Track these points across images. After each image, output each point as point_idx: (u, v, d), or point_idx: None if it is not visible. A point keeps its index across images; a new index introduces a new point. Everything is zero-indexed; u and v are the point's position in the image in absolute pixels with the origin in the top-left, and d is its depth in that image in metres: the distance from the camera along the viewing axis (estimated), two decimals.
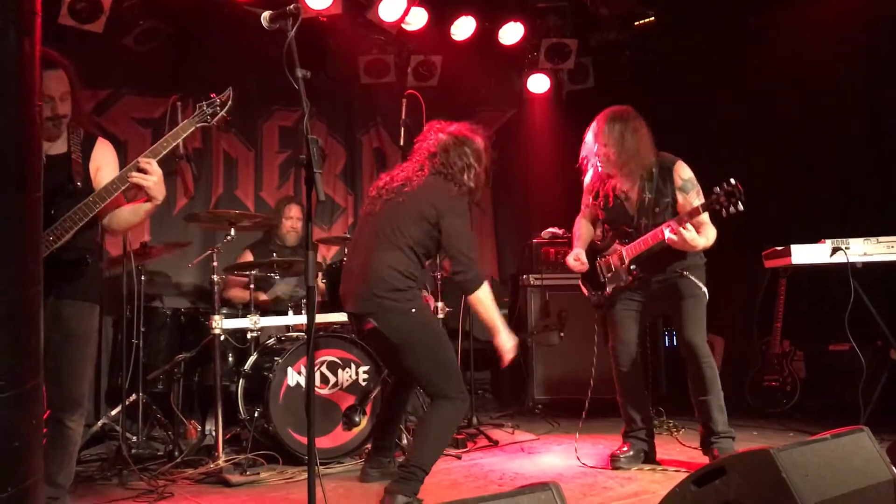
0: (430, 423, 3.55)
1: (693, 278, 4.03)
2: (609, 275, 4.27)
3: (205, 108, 3.26)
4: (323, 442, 4.39)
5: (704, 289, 4.05)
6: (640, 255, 4.09)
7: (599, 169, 4.17)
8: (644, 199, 4.07)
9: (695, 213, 3.82)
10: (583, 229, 4.45)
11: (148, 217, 3.33)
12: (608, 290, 4.27)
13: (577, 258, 4.31)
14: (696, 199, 3.94)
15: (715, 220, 3.94)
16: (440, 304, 4.98)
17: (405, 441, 4.56)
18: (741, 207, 3.65)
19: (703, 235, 3.90)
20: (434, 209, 3.55)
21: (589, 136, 4.18)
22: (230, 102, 3.28)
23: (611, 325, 4.30)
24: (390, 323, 3.51)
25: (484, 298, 3.55)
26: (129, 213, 3.26)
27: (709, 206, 3.75)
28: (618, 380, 4.29)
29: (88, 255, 3.09)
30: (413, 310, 3.51)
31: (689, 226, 3.82)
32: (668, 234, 3.89)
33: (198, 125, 3.23)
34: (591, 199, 4.35)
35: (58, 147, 3.17)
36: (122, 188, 3.08)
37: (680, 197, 3.99)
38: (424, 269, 3.70)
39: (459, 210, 3.62)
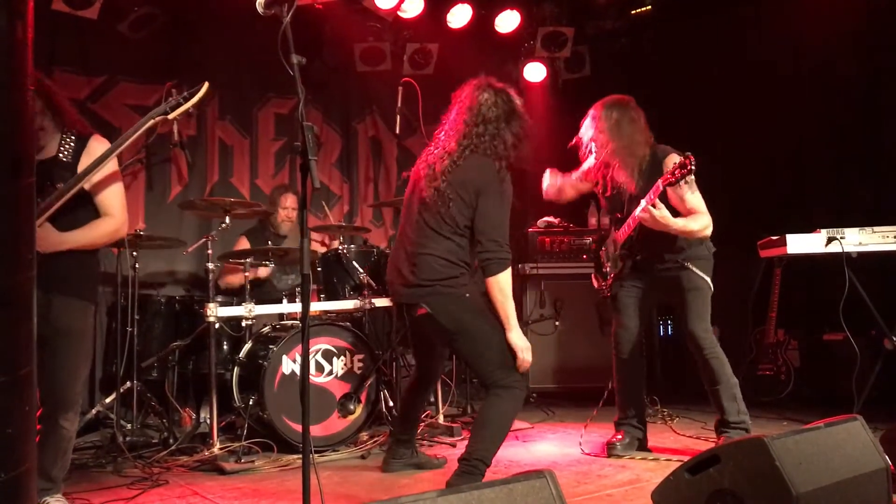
0: (489, 415, 3.38)
1: (696, 270, 4.03)
2: (609, 264, 4.31)
3: (171, 100, 3.22)
4: (318, 430, 4.39)
5: (708, 280, 4.04)
6: (628, 239, 4.12)
7: (593, 154, 4.17)
8: (636, 188, 4.07)
9: (656, 190, 3.81)
10: (555, 179, 4.56)
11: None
12: (609, 278, 4.29)
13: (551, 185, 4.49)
14: (687, 191, 3.85)
15: (711, 208, 3.94)
16: None
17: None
18: (694, 190, 3.75)
19: (687, 219, 3.89)
20: (473, 188, 3.41)
21: (586, 121, 4.20)
22: (199, 97, 3.21)
23: (614, 311, 4.31)
24: (445, 309, 3.40)
25: (503, 284, 3.34)
26: None
27: (665, 180, 3.73)
28: (616, 366, 4.30)
29: (67, 256, 3.09)
30: (467, 294, 3.41)
31: (659, 204, 3.81)
32: (638, 212, 3.92)
33: (157, 118, 3.19)
34: (591, 185, 4.37)
35: (47, 151, 3.19)
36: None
37: (669, 189, 3.85)
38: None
39: (498, 189, 3.43)
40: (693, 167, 3.61)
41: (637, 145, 4.06)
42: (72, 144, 3.23)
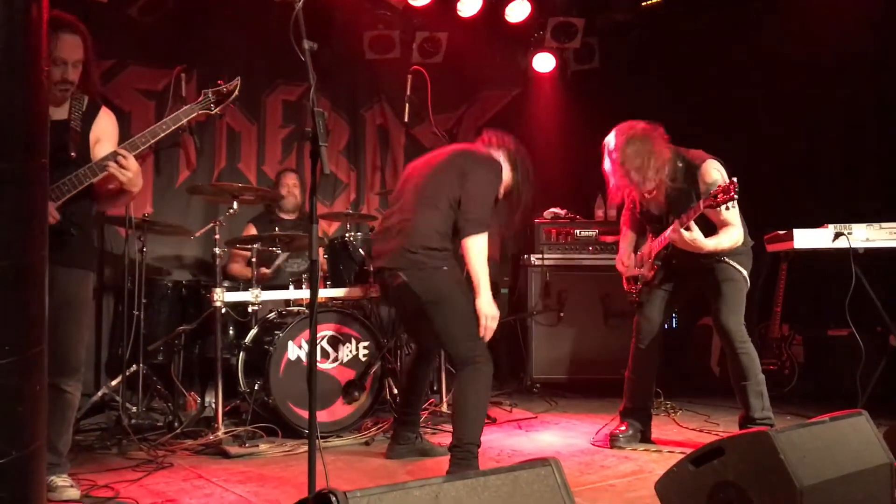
0: (464, 394, 3.48)
1: (732, 263, 4.01)
2: (642, 270, 4.30)
3: (209, 95, 3.32)
4: (322, 416, 4.41)
5: (745, 273, 4.02)
6: (662, 250, 4.10)
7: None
8: (671, 195, 4.04)
9: (696, 209, 3.78)
10: (627, 236, 4.47)
11: (126, 204, 3.38)
12: (640, 283, 4.29)
13: (619, 261, 4.38)
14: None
15: None
16: None
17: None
18: (733, 206, 3.65)
19: (719, 236, 3.87)
20: (470, 161, 3.58)
21: (607, 165, 4.10)
22: (237, 92, 3.35)
23: (640, 303, 4.31)
24: (421, 279, 3.51)
25: (478, 248, 3.46)
26: (111, 199, 3.35)
27: (707, 203, 3.71)
28: (633, 355, 4.29)
29: (73, 227, 3.11)
30: (445, 268, 3.51)
31: (693, 226, 3.79)
32: (668, 232, 3.91)
33: (200, 111, 3.30)
34: (627, 206, 4.38)
35: (58, 114, 3.19)
36: (101, 175, 3.12)
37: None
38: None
39: (493, 169, 3.60)
40: (736, 194, 3.57)
41: (664, 165, 3.97)
42: (81, 111, 3.25)
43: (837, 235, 4.66)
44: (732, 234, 3.91)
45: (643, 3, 6.84)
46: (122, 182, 3.11)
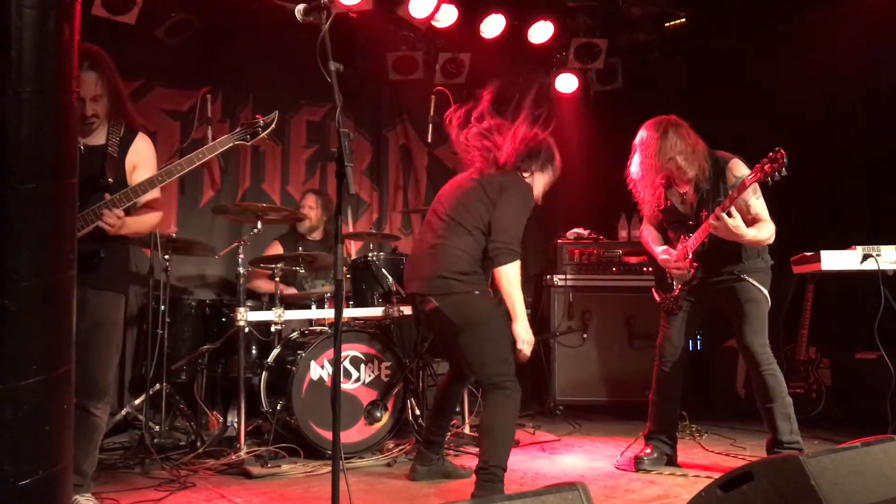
0: (493, 421, 3.48)
1: (753, 281, 3.96)
2: (681, 267, 4.20)
3: (247, 127, 3.38)
4: (344, 436, 4.38)
5: (765, 292, 3.97)
6: (699, 247, 4.02)
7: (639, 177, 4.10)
8: (702, 191, 4.01)
9: (741, 188, 3.70)
10: (653, 233, 4.39)
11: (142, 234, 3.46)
12: (676, 289, 4.20)
13: (666, 251, 4.22)
14: (751, 195, 3.79)
15: None
16: None
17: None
18: (784, 173, 3.54)
19: (758, 228, 3.81)
20: (500, 186, 3.59)
21: (639, 157, 4.07)
22: (273, 126, 3.43)
23: (662, 324, 4.26)
24: (452, 303, 3.52)
25: (511, 276, 3.46)
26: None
27: (755, 177, 3.63)
28: (657, 378, 4.24)
29: (103, 248, 3.13)
30: (476, 292, 3.52)
31: (734, 212, 3.72)
32: (711, 220, 3.81)
33: (236, 142, 3.37)
34: (651, 203, 4.25)
35: (96, 138, 3.26)
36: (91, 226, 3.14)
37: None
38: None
39: (522, 193, 3.62)
40: (785, 161, 3.52)
41: (693, 156, 3.96)
42: (119, 136, 3.31)
43: (866, 257, 4.61)
44: (767, 228, 3.85)
45: (666, 25, 6.83)
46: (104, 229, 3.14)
